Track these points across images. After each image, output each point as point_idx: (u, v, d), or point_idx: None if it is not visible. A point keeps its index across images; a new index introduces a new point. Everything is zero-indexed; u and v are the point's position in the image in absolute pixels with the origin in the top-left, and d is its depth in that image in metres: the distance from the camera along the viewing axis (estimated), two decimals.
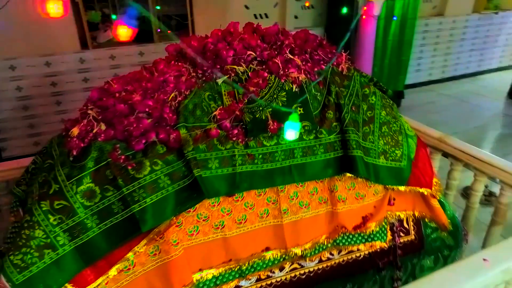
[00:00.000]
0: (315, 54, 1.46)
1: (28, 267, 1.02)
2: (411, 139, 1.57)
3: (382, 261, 1.52)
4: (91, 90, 1.24)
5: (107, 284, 1.12)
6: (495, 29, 6.08)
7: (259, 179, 1.26)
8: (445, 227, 1.60)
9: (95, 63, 3.55)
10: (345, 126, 1.37)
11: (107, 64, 3.61)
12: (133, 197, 1.09)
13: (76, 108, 3.59)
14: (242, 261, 1.30)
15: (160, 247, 1.17)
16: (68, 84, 3.53)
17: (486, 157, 1.83)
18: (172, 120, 1.17)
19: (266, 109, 1.29)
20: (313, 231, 1.39)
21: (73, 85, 3.55)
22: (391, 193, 1.52)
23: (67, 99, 3.58)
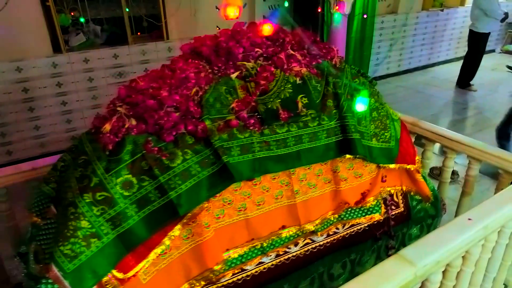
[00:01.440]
0: (311, 49, 1.62)
1: (77, 256, 1.08)
2: (396, 123, 1.78)
3: (379, 232, 1.71)
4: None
5: (147, 268, 1.20)
6: (442, 25, 6.64)
7: (274, 163, 1.39)
8: (428, 198, 1.83)
9: (68, 67, 3.49)
10: (343, 113, 1.54)
11: (80, 68, 3.55)
12: (170, 185, 1.18)
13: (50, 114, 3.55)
14: (262, 239, 1.43)
15: (193, 230, 1.27)
16: (40, 89, 3.44)
17: (455, 136, 2.09)
18: (197, 113, 1.27)
19: (275, 100, 1.43)
20: (321, 208, 1.55)
21: (46, 90, 3.47)
22: (382, 171, 1.72)
23: (40, 105, 3.48)
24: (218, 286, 1.34)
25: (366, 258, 1.71)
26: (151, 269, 1.21)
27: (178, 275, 1.27)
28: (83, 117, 3.74)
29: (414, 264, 1.22)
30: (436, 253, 1.27)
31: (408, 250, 1.28)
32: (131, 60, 3.77)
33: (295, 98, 1.47)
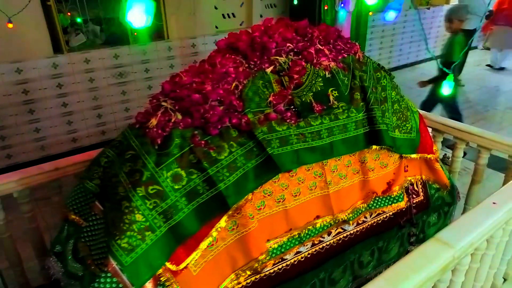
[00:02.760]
0: (336, 44, 1.66)
1: (134, 249, 1.09)
2: (415, 114, 1.85)
3: (402, 220, 1.77)
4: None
5: (196, 260, 1.22)
6: (428, 23, 6.83)
7: (310, 155, 1.43)
8: (446, 186, 1.91)
9: (69, 68, 3.44)
10: (370, 105, 1.59)
11: (81, 68, 3.51)
12: (218, 177, 1.20)
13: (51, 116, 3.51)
14: (299, 229, 1.46)
15: (238, 222, 1.29)
16: (41, 91, 3.38)
17: (465, 127, 2.18)
18: (239, 106, 1.29)
19: (308, 93, 1.47)
20: (351, 198, 1.60)
21: (47, 91, 3.41)
22: (404, 161, 1.78)
23: (40, 107, 3.42)
24: (261, 276, 1.37)
25: (391, 246, 1.77)
26: (200, 261, 1.23)
27: (225, 266, 1.29)
28: (84, 118, 3.69)
29: (452, 246, 1.28)
30: (470, 235, 1.33)
31: (444, 233, 1.34)
32: (132, 60, 3.74)
33: (326, 91, 1.51)
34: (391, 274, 1.18)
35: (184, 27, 3.98)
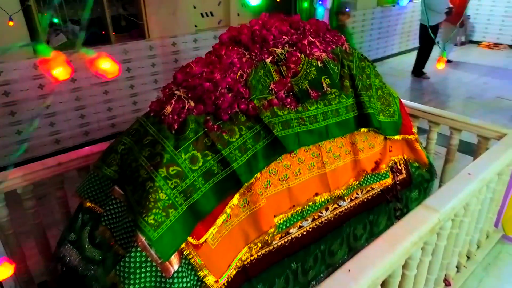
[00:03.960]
0: (325, 37, 1.81)
1: (160, 225, 1.18)
2: (396, 100, 2.03)
3: (389, 196, 1.95)
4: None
5: (214, 235, 1.33)
6: (394, 20, 7.19)
7: (309, 137, 1.57)
8: (425, 164, 2.11)
9: None
10: (358, 91, 1.76)
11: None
12: (231, 157, 1.32)
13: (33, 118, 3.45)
14: (301, 205, 1.60)
15: (248, 199, 1.41)
16: (22, 92, 3.33)
17: (438, 112, 2.40)
18: (246, 93, 1.41)
19: (304, 81, 1.61)
20: (345, 176, 1.75)
21: (28, 93, 3.36)
22: (389, 142, 1.96)
23: (22, 108, 3.37)
24: (270, 249, 1.49)
25: (380, 220, 1.94)
26: (217, 235, 1.34)
27: (239, 240, 1.40)
28: (66, 119, 3.66)
29: (437, 210, 1.45)
30: (452, 201, 1.52)
31: (430, 200, 1.52)
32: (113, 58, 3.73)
33: (320, 79, 1.66)
34: (389, 236, 1.33)
35: (164, 27, 4.02)
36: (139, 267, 1.16)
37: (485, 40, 8.33)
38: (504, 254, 2.39)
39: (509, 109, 4.98)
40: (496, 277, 2.23)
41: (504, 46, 8.06)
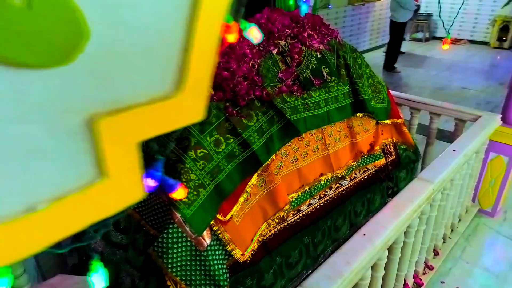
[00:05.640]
0: (321, 30, 1.96)
1: (192, 203, 1.28)
2: (384, 87, 2.21)
3: (382, 175, 2.13)
4: None
5: (237, 212, 1.43)
6: (364, 18, 7.52)
7: (314, 121, 1.71)
8: (412, 146, 2.30)
9: None
10: (353, 79, 1.91)
11: None
12: (251, 140, 1.43)
13: None
14: (309, 185, 1.73)
15: (265, 179, 1.52)
16: None
17: (418, 99, 2.62)
18: (259, 81, 1.53)
19: (306, 70, 1.74)
20: (345, 157, 1.91)
21: None
22: (380, 126, 2.13)
23: None
24: (285, 225, 1.62)
25: (376, 197, 2.11)
26: (240, 213, 1.45)
27: (258, 217, 1.52)
28: None
29: (432, 181, 1.64)
30: (442, 173, 1.71)
31: (424, 173, 1.70)
32: None
33: (320, 68, 1.80)
34: (394, 205, 1.50)
35: None
36: (176, 242, 1.25)
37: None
38: (482, 226, 2.64)
39: (473, 98, 5.37)
40: (476, 246, 2.48)
41: (464, 41, 8.61)
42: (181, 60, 0.30)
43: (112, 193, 0.29)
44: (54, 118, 0.25)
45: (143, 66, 0.28)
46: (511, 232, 2.60)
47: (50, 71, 0.24)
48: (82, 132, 0.26)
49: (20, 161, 0.25)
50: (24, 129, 0.24)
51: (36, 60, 0.22)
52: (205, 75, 0.32)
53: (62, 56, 0.24)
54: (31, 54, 0.22)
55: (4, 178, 0.24)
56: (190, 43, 0.29)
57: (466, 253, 2.42)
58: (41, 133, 0.25)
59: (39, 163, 0.25)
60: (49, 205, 0.26)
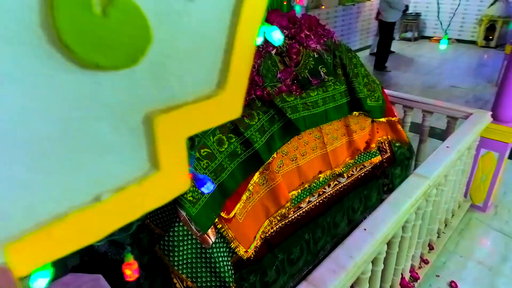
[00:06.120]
0: (317, 30, 2.00)
1: (197, 202, 1.30)
2: (379, 86, 2.25)
3: (378, 172, 2.17)
4: None
5: (240, 210, 1.46)
6: (354, 18, 7.60)
7: (313, 120, 1.74)
8: (406, 144, 2.35)
9: None
10: (350, 78, 1.95)
11: None
12: (253, 139, 1.46)
13: None
14: (309, 182, 1.77)
15: (267, 177, 1.55)
16: None
17: (411, 97, 2.68)
18: (260, 81, 1.56)
19: (304, 70, 1.78)
20: (343, 155, 1.95)
21: None
22: (375, 125, 2.18)
23: None
24: (286, 222, 1.65)
25: (372, 194, 2.16)
26: (243, 210, 1.47)
27: (260, 214, 1.55)
28: None
29: (428, 177, 1.68)
30: (437, 169, 1.76)
31: (420, 169, 1.75)
32: None
33: (317, 68, 1.84)
34: (392, 200, 1.54)
35: None
36: (182, 240, 1.27)
37: (436, 35, 8.99)
38: (474, 220, 2.71)
39: (462, 96, 5.48)
40: (469, 240, 2.54)
41: (453, 40, 8.76)
42: (223, 62, 0.32)
43: (163, 184, 0.32)
44: (119, 116, 0.27)
45: (193, 67, 0.31)
46: (502, 226, 2.67)
47: (118, 73, 0.26)
48: (140, 129, 0.29)
49: (91, 155, 0.27)
50: (95, 126, 0.26)
51: (109, 63, 0.25)
52: (243, 75, 0.35)
53: (130, 59, 0.26)
54: (106, 57, 0.24)
55: (78, 171, 0.27)
56: (232, 46, 0.32)
57: (459, 247, 2.48)
58: (108, 129, 0.27)
59: (105, 157, 0.28)
60: (112, 196, 0.29)
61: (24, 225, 0.25)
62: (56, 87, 0.24)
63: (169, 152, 0.31)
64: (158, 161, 0.30)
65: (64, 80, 0.24)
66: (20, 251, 0.24)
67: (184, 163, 0.33)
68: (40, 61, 0.22)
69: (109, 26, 0.24)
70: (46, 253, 0.26)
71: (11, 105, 0.22)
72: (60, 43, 0.22)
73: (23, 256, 0.24)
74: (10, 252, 0.24)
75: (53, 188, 0.26)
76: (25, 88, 0.22)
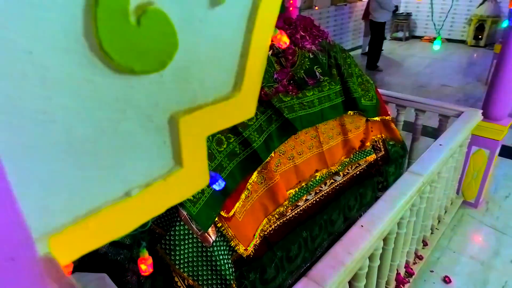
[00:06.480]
0: (312, 31, 2.03)
1: (198, 201, 1.32)
2: (372, 85, 2.29)
3: (373, 170, 2.21)
4: None
5: (239, 209, 1.48)
6: (346, 18, 7.67)
7: (309, 120, 1.77)
8: (400, 142, 2.40)
9: None
10: (344, 78, 1.99)
11: None
12: (251, 138, 1.48)
13: None
14: (306, 181, 1.80)
15: (265, 176, 1.58)
16: None
17: (404, 96, 2.72)
18: None
19: (300, 71, 1.81)
20: (339, 153, 1.98)
21: None
22: (370, 124, 2.22)
23: None
24: (284, 220, 1.68)
25: (367, 192, 2.19)
26: (241, 209, 1.50)
27: (259, 213, 1.57)
28: None
29: (421, 174, 1.72)
30: (430, 167, 1.80)
31: (414, 167, 1.78)
32: None
33: (313, 68, 1.86)
34: (387, 197, 1.57)
35: None
36: (183, 239, 1.29)
37: (426, 35, 9.11)
38: (466, 216, 2.77)
39: (453, 95, 5.57)
40: (462, 235, 2.59)
41: (443, 40, 8.87)
42: (239, 65, 0.35)
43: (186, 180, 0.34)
44: (148, 116, 0.29)
45: (212, 71, 0.33)
46: (494, 222, 2.73)
47: (148, 77, 0.28)
48: (166, 128, 0.31)
49: (123, 153, 0.29)
50: (127, 126, 0.28)
51: (142, 68, 0.27)
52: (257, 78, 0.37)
53: (160, 64, 0.28)
54: (139, 62, 0.26)
55: (112, 169, 0.29)
56: (247, 50, 0.34)
57: (452, 243, 2.54)
58: (138, 129, 0.29)
59: (135, 155, 0.30)
60: (141, 191, 0.31)
61: (63, 219, 0.26)
62: (94, 90, 0.26)
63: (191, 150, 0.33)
64: (181, 158, 0.32)
65: (102, 84, 0.26)
66: (61, 242, 0.26)
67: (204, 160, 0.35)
68: (82, 67, 0.24)
69: (142, 34, 0.26)
70: (83, 244, 0.28)
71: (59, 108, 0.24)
72: (101, 50, 0.24)
73: (64, 247, 0.26)
74: (53, 243, 0.26)
75: (89, 185, 0.28)
76: (70, 92, 0.24)
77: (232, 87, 0.35)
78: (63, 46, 0.23)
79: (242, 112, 0.37)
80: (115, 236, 0.30)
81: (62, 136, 0.25)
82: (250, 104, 0.37)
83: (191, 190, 0.35)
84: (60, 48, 0.23)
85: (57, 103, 0.24)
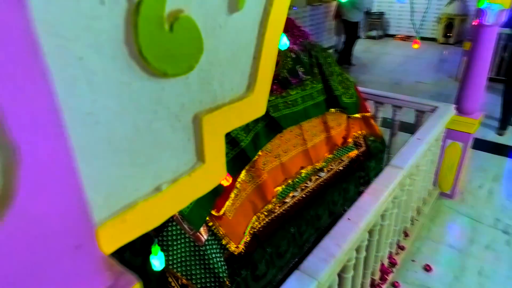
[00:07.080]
0: (294, 31, 2.07)
1: None
2: (352, 83, 2.36)
3: (355, 165, 2.28)
4: None
5: (229, 207, 1.51)
6: (322, 17, 7.80)
7: (293, 118, 1.81)
8: (379, 138, 2.48)
9: None
10: (326, 77, 2.04)
11: None
12: (239, 138, 1.50)
13: None
14: (292, 178, 1.84)
15: (253, 174, 1.61)
16: None
17: (382, 93, 2.81)
18: None
19: (283, 70, 1.84)
20: (322, 150, 2.03)
21: None
22: (351, 120, 2.28)
23: None
24: (272, 217, 1.71)
25: (350, 187, 2.26)
26: (231, 208, 1.52)
27: (248, 211, 1.60)
28: None
29: (402, 167, 1.80)
30: (409, 160, 1.87)
31: (395, 161, 1.86)
32: None
33: (295, 68, 1.91)
34: (371, 190, 1.63)
35: None
36: (175, 239, 1.30)
37: (399, 33, 9.38)
38: (443, 207, 2.89)
39: (427, 91, 5.77)
40: (440, 226, 2.71)
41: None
42: (252, 67, 0.37)
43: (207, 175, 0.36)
44: (176, 116, 0.32)
45: (230, 72, 0.35)
46: (469, 211, 2.86)
47: (177, 79, 0.30)
48: (190, 127, 0.33)
49: (154, 151, 0.31)
50: (158, 126, 0.30)
51: (174, 71, 0.29)
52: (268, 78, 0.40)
53: (188, 67, 0.30)
54: (171, 66, 0.29)
55: (145, 166, 0.31)
56: (259, 53, 0.37)
57: (432, 233, 2.64)
58: (167, 128, 0.31)
59: (164, 152, 0.32)
60: (169, 186, 0.33)
61: (104, 213, 0.28)
62: (132, 93, 0.27)
63: (212, 146, 0.35)
64: (203, 155, 0.35)
65: (138, 87, 0.28)
66: (103, 234, 0.28)
67: (222, 156, 0.38)
68: (123, 72, 0.26)
69: (174, 40, 0.28)
70: (122, 236, 0.30)
71: (102, 109, 0.26)
72: (140, 56, 0.26)
73: (105, 239, 0.28)
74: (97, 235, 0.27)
75: (125, 181, 0.29)
76: (113, 95, 0.26)
77: (246, 87, 0.38)
78: (108, 52, 0.25)
79: (255, 110, 0.40)
80: (149, 228, 0.32)
81: (103, 136, 0.26)
82: (262, 103, 0.40)
83: (212, 184, 0.37)
84: (106, 54, 0.25)
85: (101, 105, 0.26)
